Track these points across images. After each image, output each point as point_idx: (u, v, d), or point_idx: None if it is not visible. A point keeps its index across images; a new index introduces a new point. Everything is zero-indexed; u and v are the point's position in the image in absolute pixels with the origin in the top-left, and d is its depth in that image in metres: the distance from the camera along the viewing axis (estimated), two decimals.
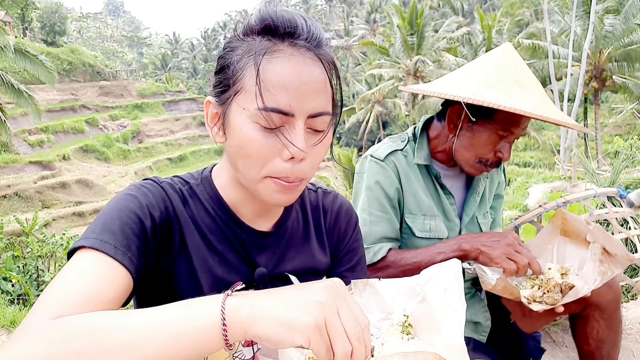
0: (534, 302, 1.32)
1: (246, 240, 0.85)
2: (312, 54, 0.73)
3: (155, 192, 0.79)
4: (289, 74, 0.70)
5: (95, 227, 0.71)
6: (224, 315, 0.57)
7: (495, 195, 1.69)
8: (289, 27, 0.72)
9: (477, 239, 1.33)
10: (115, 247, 0.68)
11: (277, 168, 0.73)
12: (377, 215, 1.42)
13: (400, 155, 1.48)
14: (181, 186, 0.84)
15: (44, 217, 17.97)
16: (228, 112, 0.76)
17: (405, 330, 0.75)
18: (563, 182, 10.41)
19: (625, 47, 18.50)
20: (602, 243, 1.32)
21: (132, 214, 0.73)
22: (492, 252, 1.28)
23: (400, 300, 0.79)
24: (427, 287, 0.76)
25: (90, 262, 0.66)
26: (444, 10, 40.96)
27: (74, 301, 0.60)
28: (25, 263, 5.35)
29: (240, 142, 0.74)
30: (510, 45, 1.44)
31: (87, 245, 0.67)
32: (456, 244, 1.35)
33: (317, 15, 63.09)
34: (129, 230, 0.71)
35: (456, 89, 1.35)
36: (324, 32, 0.76)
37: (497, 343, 1.60)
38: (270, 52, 0.71)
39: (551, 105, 1.36)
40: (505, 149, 1.38)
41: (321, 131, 0.75)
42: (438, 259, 1.34)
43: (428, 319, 0.73)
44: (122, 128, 32.19)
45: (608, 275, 1.30)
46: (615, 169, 3.44)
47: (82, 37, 67.78)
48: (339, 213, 0.99)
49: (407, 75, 26.14)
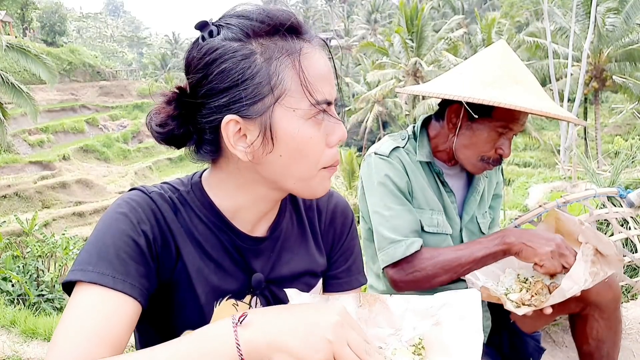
0: (523, 306, 1.31)
1: (241, 246, 0.83)
2: (320, 47, 0.77)
3: (144, 205, 0.76)
4: (322, 65, 0.74)
5: (90, 258, 0.69)
6: (241, 352, 0.61)
7: (494, 195, 1.69)
8: (298, 24, 0.74)
9: (524, 234, 1.32)
10: (114, 278, 0.67)
11: (330, 156, 0.77)
12: (397, 209, 1.39)
13: (403, 152, 1.47)
14: (171, 194, 0.81)
15: (44, 217, 17.96)
16: (273, 120, 0.71)
17: (417, 351, 0.75)
18: (563, 182, 10.41)
19: (625, 47, 18.50)
20: (594, 244, 1.32)
21: (124, 236, 0.71)
22: (541, 248, 1.27)
23: (410, 318, 0.78)
24: (442, 311, 0.75)
25: (93, 299, 0.66)
26: (444, 11, 40.98)
27: (87, 345, 0.63)
28: (25, 263, 5.34)
29: (298, 144, 0.73)
30: (504, 42, 1.44)
31: (84, 279, 0.67)
32: (498, 238, 1.33)
33: (317, 15, 63.08)
34: (125, 255, 0.70)
35: (454, 88, 1.36)
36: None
37: (497, 343, 1.60)
38: (297, 50, 0.73)
39: (549, 100, 1.36)
40: (505, 145, 1.38)
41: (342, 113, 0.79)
42: (479, 253, 1.32)
43: (440, 343, 0.73)
44: (122, 128, 32.20)
45: (600, 276, 1.29)
46: (616, 169, 3.44)
47: (82, 37, 67.79)
48: (335, 212, 0.97)
49: (407, 76, 26.14)
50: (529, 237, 1.30)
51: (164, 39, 75.21)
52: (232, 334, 0.61)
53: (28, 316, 3.36)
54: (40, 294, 4.77)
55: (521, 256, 1.31)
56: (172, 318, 0.80)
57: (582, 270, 1.28)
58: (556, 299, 1.26)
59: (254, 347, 0.61)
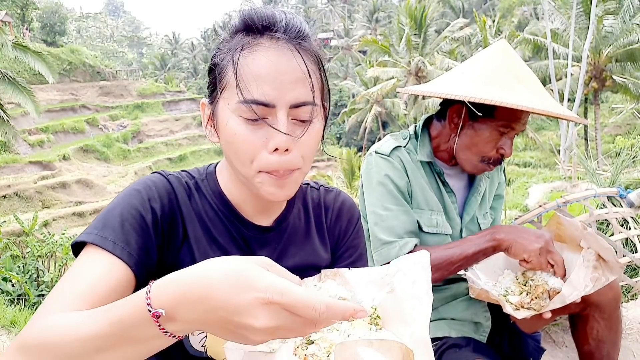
0: (522, 309, 1.31)
1: (248, 235, 0.87)
2: (291, 46, 0.74)
3: (160, 185, 0.82)
4: (266, 65, 0.72)
5: (97, 223, 0.75)
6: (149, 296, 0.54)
7: (496, 195, 1.69)
8: (266, 21, 0.74)
9: (514, 231, 1.33)
10: (114, 243, 0.72)
11: (265, 161, 0.74)
12: (394, 210, 1.40)
13: (404, 151, 1.47)
14: (188, 180, 0.87)
15: (44, 217, 17.96)
16: (216, 109, 0.79)
17: (373, 321, 0.75)
18: (563, 182, 10.41)
19: (625, 47, 18.50)
20: (595, 249, 1.32)
21: (133, 209, 0.76)
22: (530, 245, 1.28)
23: (370, 291, 0.79)
24: (396, 278, 0.75)
25: (89, 259, 0.71)
26: (444, 10, 40.97)
27: (70, 298, 0.65)
28: (25, 263, 5.34)
29: (227, 137, 0.76)
30: (505, 41, 1.44)
31: (88, 240, 0.72)
32: (488, 234, 1.34)
33: (318, 15, 63.06)
34: (129, 227, 0.74)
35: (455, 88, 1.35)
36: (307, 26, 0.78)
37: (498, 343, 1.60)
38: (248, 46, 0.74)
39: (550, 99, 1.36)
40: (507, 145, 1.38)
41: (307, 121, 0.76)
42: (470, 250, 1.33)
43: (396, 311, 0.73)
44: (122, 128, 32.19)
45: (602, 282, 1.29)
46: (616, 169, 3.44)
47: (82, 37, 67.75)
48: (341, 210, 1.00)
49: (409, 75, 26.13)
50: (519, 234, 1.31)
51: (164, 39, 75.18)
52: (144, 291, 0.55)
53: (28, 316, 3.36)
54: (40, 294, 4.76)
55: (510, 252, 1.31)
56: None
57: (583, 276, 1.28)
58: (556, 304, 1.26)
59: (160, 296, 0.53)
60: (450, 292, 1.56)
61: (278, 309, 0.51)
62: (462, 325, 1.52)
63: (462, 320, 1.53)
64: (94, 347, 0.56)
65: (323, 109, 0.83)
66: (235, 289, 0.51)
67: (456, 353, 1.38)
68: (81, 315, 0.59)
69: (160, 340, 0.56)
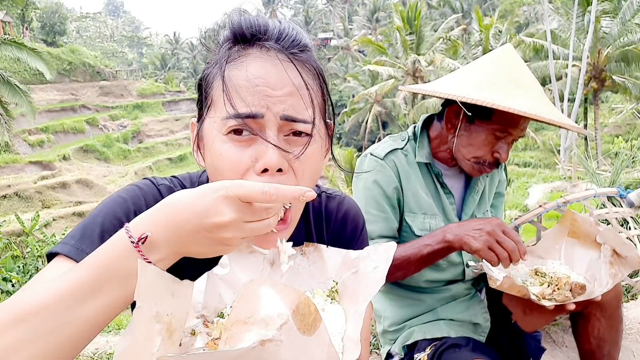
0: (544, 299, 1.32)
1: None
2: (284, 56, 0.67)
3: (149, 195, 0.77)
4: (254, 76, 0.65)
5: (76, 232, 0.70)
6: (128, 230, 0.56)
7: (496, 193, 1.69)
8: (257, 30, 0.68)
9: (461, 229, 1.31)
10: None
11: None
12: (374, 214, 1.42)
13: (400, 154, 1.48)
14: (180, 189, 0.80)
15: (44, 217, 17.95)
16: (202, 129, 0.71)
17: (331, 294, 0.79)
18: (563, 182, 10.43)
19: (624, 47, 18.50)
20: (612, 245, 1.33)
21: (115, 220, 0.71)
22: (474, 244, 1.24)
23: (339, 269, 0.83)
24: (363, 262, 0.79)
25: (62, 271, 0.64)
26: (444, 10, 40.98)
27: None
28: (25, 263, 5.35)
29: (212, 159, 0.69)
30: (510, 45, 1.44)
31: (63, 252, 0.66)
32: (441, 235, 1.34)
33: (317, 15, 63.06)
34: (109, 237, 0.69)
35: (452, 88, 1.36)
36: (305, 36, 0.71)
37: (498, 343, 1.60)
38: (235, 57, 0.67)
39: (549, 105, 1.35)
40: (503, 149, 1.38)
41: (304, 138, 0.68)
42: (425, 251, 1.34)
43: (352, 288, 0.78)
44: (122, 128, 32.19)
45: (618, 277, 1.31)
46: (616, 169, 3.44)
47: (81, 37, 67.73)
48: (345, 219, 0.94)
49: (406, 75, 26.12)
50: (464, 232, 1.29)
51: (164, 39, 75.20)
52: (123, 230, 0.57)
53: None
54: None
55: (465, 250, 1.30)
56: None
57: (605, 272, 1.29)
58: (582, 297, 1.27)
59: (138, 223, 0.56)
60: (449, 293, 1.56)
61: (237, 201, 0.55)
62: (461, 326, 1.52)
63: (461, 321, 1.53)
64: (75, 299, 0.53)
65: (326, 128, 0.75)
66: (197, 196, 0.55)
67: (455, 353, 1.38)
68: (53, 279, 0.56)
69: None
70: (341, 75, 43.26)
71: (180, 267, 0.75)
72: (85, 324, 0.54)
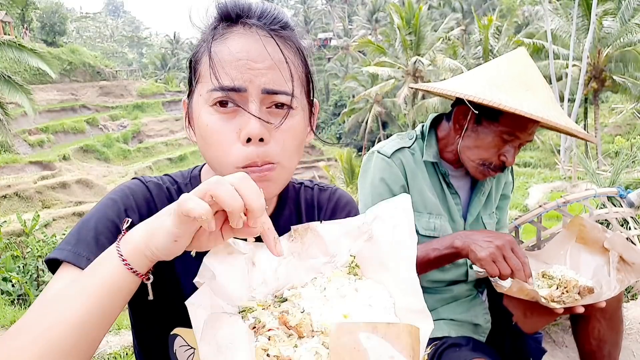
0: (552, 302, 1.31)
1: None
2: (265, 32, 0.72)
3: (139, 194, 0.79)
4: (237, 51, 0.70)
5: (71, 238, 0.72)
6: (119, 250, 0.61)
7: (502, 195, 1.68)
8: (240, 9, 0.73)
9: (471, 237, 1.29)
10: (87, 260, 0.68)
11: (242, 154, 0.69)
12: None
13: (407, 153, 1.47)
14: (170, 185, 0.83)
15: (44, 217, 17.95)
16: (191, 104, 0.77)
17: (352, 271, 0.72)
18: (563, 182, 10.43)
19: (624, 47, 18.50)
20: (619, 251, 1.33)
21: (108, 221, 0.74)
22: (479, 253, 1.22)
23: (345, 242, 0.75)
24: (374, 225, 0.72)
25: (65, 278, 0.68)
26: (444, 10, 40.99)
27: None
28: (25, 263, 5.35)
29: (200, 130, 0.73)
30: (524, 49, 1.44)
31: (61, 257, 0.69)
32: (450, 240, 1.32)
33: (317, 15, 63.03)
34: (105, 240, 0.71)
35: (460, 87, 1.36)
36: (287, 16, 0.76)
37: (499, 344, 1.60)
38: (221, 34, 0.72)
39: (558, 110, 1.34)
40: (510, 153, 1.36)
41: (285, 110, 0.72)
42: (432, 255, 1.33)
43: (375, 257, 0.70)
44: (122, 128, 32.18)
45: (625, 283, 1.31)
46: (616, 169, 3.44)
47: (81, 37, 67.74)
48: (336, 209, 0.94)
49: (406, 75, 26.11)
50: (473, 240, 1.27)
51: (164, 39, 75.16)
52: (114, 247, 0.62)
53: None
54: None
55: (469, 258, 1.28)
56: (158, 311, 0.79)
57: (614, 276, 1.30)
58: (590, 300, 1.27)
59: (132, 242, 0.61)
60: (451, 294, 1.56)
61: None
62: (461, 326, 1.52)
63: (462, 321, 1.53)
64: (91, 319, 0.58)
65: (309, 105, 0.79)
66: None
67: (456, 352, 1.38)
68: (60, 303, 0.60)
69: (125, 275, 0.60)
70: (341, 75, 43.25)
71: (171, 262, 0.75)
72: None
